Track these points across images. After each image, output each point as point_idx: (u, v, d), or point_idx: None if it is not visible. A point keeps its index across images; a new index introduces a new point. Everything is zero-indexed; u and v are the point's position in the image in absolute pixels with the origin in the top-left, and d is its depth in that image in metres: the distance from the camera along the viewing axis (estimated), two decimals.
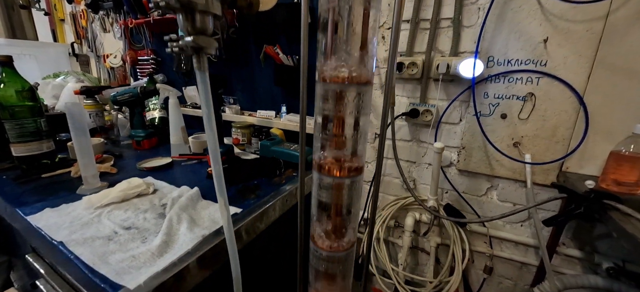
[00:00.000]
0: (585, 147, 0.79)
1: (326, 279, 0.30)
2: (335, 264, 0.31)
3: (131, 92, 1.03)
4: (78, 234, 0.53)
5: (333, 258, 0.30)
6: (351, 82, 0.28)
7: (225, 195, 0.44)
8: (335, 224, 0.30)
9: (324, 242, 0.30)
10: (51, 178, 0.79)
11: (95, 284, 0.42)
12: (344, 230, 0.32)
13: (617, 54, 0.72)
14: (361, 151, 0.31)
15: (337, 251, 0.30)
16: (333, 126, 0.28)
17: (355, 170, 0.30)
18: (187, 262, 0.46)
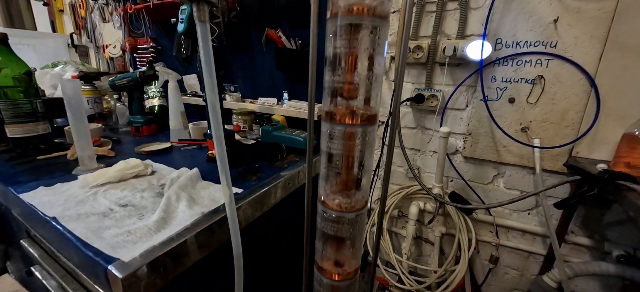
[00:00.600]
0: (596, 130, 0.77)
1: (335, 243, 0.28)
2: (346, 226, 0.28)
3: (130, 77, 1.01)
4: (72, 210, 0.50)
5: (343, 219, 0.28)
6: (367, 14, 0.25)
7: (227, 167, 0.42)
8: (346, 179, 0.28)
9: (333, 201, 0.28)
10: (47, 160, 0.77)
11: (89, 258, 0.40)
12: (355, 187, 0.29)
13: (630, 33, 0.70)
14: (376, 97, 0.28)
15: (348, 211, 0.28)
16: (346, 66, 0.26)
17: (367, 119, 0.27)
18: (186, 237, 0.44)
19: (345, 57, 0.26)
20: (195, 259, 0.46)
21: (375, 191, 1.15)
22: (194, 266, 0.49)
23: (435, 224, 1.05)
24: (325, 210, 0.27)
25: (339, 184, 0.28)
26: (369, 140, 0.29)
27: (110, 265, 0.37)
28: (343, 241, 0.29)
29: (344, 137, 0.27)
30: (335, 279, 0.31)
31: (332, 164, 0.28)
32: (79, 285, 0.68)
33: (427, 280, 0.95)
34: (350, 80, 0.26)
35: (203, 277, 0.54)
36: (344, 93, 0.27)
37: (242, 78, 1.23)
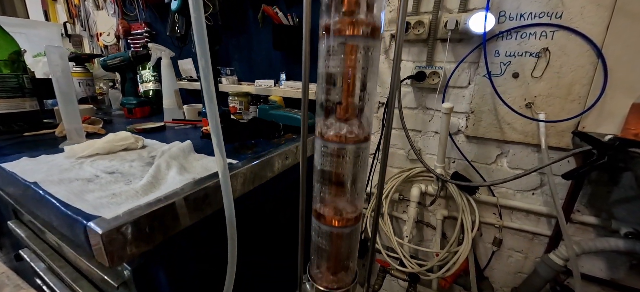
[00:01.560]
0: (603, 103, 0.74)
1: (334, 186, 0.25)
2: (346, 160, 0.25)
3: (122, 57, 0.98)
4: (55, 176, 0.47)
5: (343, 151, 0.25)
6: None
7: (220, 130, 0.39)
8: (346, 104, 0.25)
9: (330, 132, 0.25)
10: (34, 137, 0.74)
11: (68, 217, 0.37)
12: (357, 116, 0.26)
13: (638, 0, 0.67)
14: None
15: (349, 142, 0.25)
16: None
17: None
18: (174, 199, 0.41)
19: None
20: (185, 224, 0.44)
21: (375, 175, 1.13)
22: (186, 234, 0.46)
23: (437, 207, 1.03)
24: (325, 144, 0.25)
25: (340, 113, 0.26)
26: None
27: (90, 221, 0.34)
28: (342, 184, 0.26)
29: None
30: (335, 225, 0.28)
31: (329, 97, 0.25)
32: (66, 262, 0.65)
33: (428, 263, 0.93)
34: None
35: (197, 248, 0.52)
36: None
37: (238, 61, 1.20)
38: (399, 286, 1.20)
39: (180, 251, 0.47)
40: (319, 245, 0.30)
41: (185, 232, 0.45)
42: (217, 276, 0.45)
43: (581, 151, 0.62)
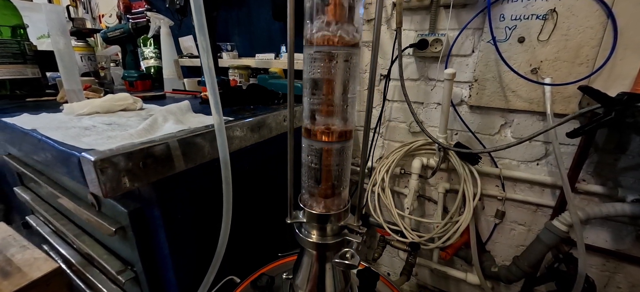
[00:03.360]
0: (612, 64, 0.72)
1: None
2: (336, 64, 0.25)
3: (123, 28, 0.98)
4: (53, 125, 0.48)
5: (333, 56, 0.24)
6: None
7: (215, 81, 0.38)
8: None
9: (319, 33, 0.24)
10: (36, 102, 0.75)
11: (63, 152, 0.37)
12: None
13: None
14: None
15: (338, 45, 0.24)
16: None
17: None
18: (168, 141, 0.41)
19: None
20: (180, 168, 0.44)
21: (377, 150, 1.12)
22: (182, 179, 0.46)
23: (439, 180, 1.02)
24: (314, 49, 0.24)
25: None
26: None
27: (83, 152, 0.34)
28: (332, 83, 0.25)
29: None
30: (325, 140, 0.27)
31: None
32: (68, 220, 0.67)
33: (428, 234, 0.92)
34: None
35: (194, 194, 0.52)
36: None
37: (238, 35, 1.19)
38: (399, 260, 1.20)
39: (176, 196, 0.47)
40: (309, 165, 0.29)
41: (181, 178, 0.45)
42: (214, 226, 0.45)
43: (588, 110, 0.60)
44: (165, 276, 0.51)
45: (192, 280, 0.52)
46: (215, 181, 0.42)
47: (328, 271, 0.33)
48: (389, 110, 1.06)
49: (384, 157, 1.07)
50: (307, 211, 0.32)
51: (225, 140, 0.40)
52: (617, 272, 0.86)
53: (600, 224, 0.83)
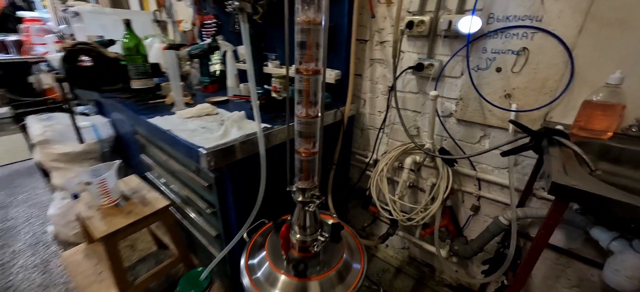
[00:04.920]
0: (569, 98, 0.87)
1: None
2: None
3: (201, 48, 1.38)
4: (176, 128, 0.89)
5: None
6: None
7: (257, 99, 0.72)
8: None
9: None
10: (154, 104, 1.20)
11: (190, 146, 0.77)
12: None
13: (610, 6, 0.76)
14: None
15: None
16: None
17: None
18: (235, 143, 0.78)
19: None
20: (239, 157, 0.80)
21: (381, 146, 1.39)
22: (240, 164, 0.84)
23: (429, 175, 1.26)
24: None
25: None
26: None
27: (200, 148, 0.72)
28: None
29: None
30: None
31: None
32: (175, 178, 1.11)
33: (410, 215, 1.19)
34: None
35: (245, 172, 0.89)
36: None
37: (281, 49, 1.51)
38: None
39: (237, 171, 0.85)
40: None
41: (240, 162, 0.82)
42: (255, 189, 0.81)
43: (519, 138, 0.80)
44: (229, 213, 0.91)
45: (242, 218, 0.91)
46: (258, 164, 0.77)
47: (307, 216, 0.67)
48: (393, 115, 1.30)
49: (387, 153, 1.34)
50: (296, 185, 0.65)
51: (263, 142, 0.74)
52: (568, 267, 1.03)
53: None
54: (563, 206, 0.56)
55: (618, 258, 0.69)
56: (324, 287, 0.66)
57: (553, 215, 0.58)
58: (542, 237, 0.61)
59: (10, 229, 1.78)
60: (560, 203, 0.56)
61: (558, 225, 0.94)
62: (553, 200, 0.57)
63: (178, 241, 1.21)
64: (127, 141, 1.58)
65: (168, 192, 1.22)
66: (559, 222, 0.59)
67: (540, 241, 0.61)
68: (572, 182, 0.52)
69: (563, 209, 0.56)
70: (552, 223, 0.59)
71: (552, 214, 0.58)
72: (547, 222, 0.59)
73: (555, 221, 0.58)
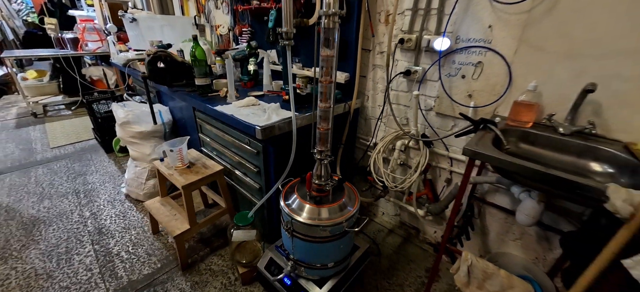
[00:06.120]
0: (509, 98, 1.22)
1: None
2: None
3: (243, 53, 1.81)
4: (236, 113, 1.32)
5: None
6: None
7: (293, 99, 1.13)
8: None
9: None
10: (212, 96, 1.65)
11: (248, 125, 1.20)
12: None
13: (534, 36, 1.11)
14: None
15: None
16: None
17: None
18: (276, 123, 1.20)
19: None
20: (278, 133, 1.23)
21: (379, 132, 1.77)
22: (278, 138, 1.26)
23: (415, 155, 1.64)
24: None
25: None
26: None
27: (256, 126, 1.15)
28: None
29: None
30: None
31: None
32: (225, 148, 1.56)
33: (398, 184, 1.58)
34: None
35: (282, 144, 1.32)
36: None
37: (304, 54, 1.92)
38: (385, 201, 1.88)
39: (276, 143, 1.27)
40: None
41: (278, 136, 1.25)
42: (287, 155, 1.23)
43: (469, 125, 1.17)
44: (270, 172, 1.34)
45: (277, 175, 1.34)
46: (289, 139, 1.19)
47: (322, 167, 1.08)
48: (388, 108, 1.68)
49: (384, 138, 1.73)
50: (317, 148, 1.06)
51: (295, 124, 1.16)
52: (513, 224, 1.39)
53: (504, 192, 1.37)
54: (472, 162, 0.95)
55: (522, 204, 1.06)
56: (330, 212, 1.08)
57: (468, 166, 0.96)
58: (466, 174, 0.99)
59: (92, 190, 2.32)
60: (471, 160, 0.95)
61: (493, 188, 1.31)
62: (469, 159, 0.96)
63: (227, 196, 1.67)
64: (183, 123, 2.05)
65: (219, 160, 1.68)
66: (471, 172, 0.98)
67: (466, 177, 1.00)
68: (474, 148, 0.90)
69: (472, 164, 0.95)
70: (469, 171, 0.97)
71: (468, 166, 0.96)
72: (466, 171, 0.98)
73: (470, 170, 0.97)
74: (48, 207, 2.10)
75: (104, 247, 1.74)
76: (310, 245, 1.11)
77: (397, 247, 1.76)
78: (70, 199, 2.20)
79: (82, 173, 2.59)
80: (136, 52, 2.64)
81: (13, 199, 2.19)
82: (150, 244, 1.75)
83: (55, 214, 2.03)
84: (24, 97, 3.94)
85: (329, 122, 1.02)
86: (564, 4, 1.02)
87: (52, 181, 2.44)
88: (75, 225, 1.92)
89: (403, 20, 1.45)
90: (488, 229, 1.51)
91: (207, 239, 1.80)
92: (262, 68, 1.97)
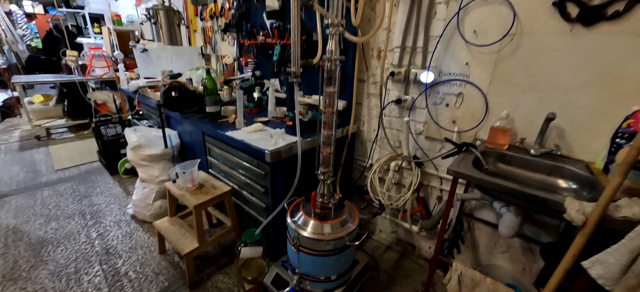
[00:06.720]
0: (487, 123, 1.40)
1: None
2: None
3: (250, 83, 1.99)
4: (246, 138, 1.47)
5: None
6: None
7: (299, 127, 1.29)
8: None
9: None
10: (221, 122, 1.80)
11: (258, 149, 1.34)
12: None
13: (502, 72, 1.31)
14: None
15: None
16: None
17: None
18: (282, 149, 1.35)
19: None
20: (284, 157, 1.37)
21: (375, 154, 1.93)
22: (284, 161, 1.40)
23: (407, 175, 1.78)
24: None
25: None
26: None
27: (265, 150, 1.30)
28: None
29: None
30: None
31: None
32: (232, 170, 1.69)
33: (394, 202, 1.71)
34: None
35: (287, 167, 1.46)
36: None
37: (304, 82, 2.10)
38: (381, 218, 1.99)
39: (283, 165, 1.41)
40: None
41: (284, 159, 1.39)
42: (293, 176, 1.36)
43: (453, 148, 1.33)
44: (276, 191, 1.46)
45: (283, 195, 1.46)
46: (294, 161, 1.33)
47: (325, 187, 1.21)
48: (383, 132, 1.85)
49: (379, 159, 1.88)
50: (320, 170, 1.20)
51: (300, 148, 1.30)
52: (499, 238, 1.52)
53: (489, 208, 1.51)
54: (456, 180, 1.09)
55: (503, 217, 1.20)
56: (333, 227, 1.20)
57: (453, 185, 1.11)
58: (451, 192, 1.13)
59: (98, 212, 2.39)
60: (454, 180, 1.10)
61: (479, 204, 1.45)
62: (453, 178, 1.11)
63: (233, 216, 1.77)
64: (192, 146, 2.18)
65: (226, 181, 1.80)
66: (455, 189, 1.12)
67: (451, 195, 1.14)
68: (456, 168, 1.06)
69: (456, 182, 1.10)
70: (453, 189, 1.12)
71: (452, 184, 1.11)
72: (451, 189, 1.12)
73: (454, 188, 1.11)
74: (55, 229, 2.15)
75: (112, 267, 1.80)
76: (315, 258, 1.21)
77: (394, 263, 1.86)
78: (76, 221, 2.26)
79: (87, 195, 2.65)
80: (146, 79, 2.81)
81: (20, 221, 2.24)
82: (157, 264, 1.82)
83: (63, 235, 2.09)
84: (30, 121, 4.04)
85: (331, 146, 1.17)
86: (525, 46, 1.22)
87: (58, 202, 2.51)
88: (83, 246, 1.98)
89: (393, 56, 1.65)
90: (478, 243, 1.63)
91: (213, 258, 1.87)
92: (265, 95, 2.15)
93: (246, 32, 2.22)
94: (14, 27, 7.81)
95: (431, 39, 1.50)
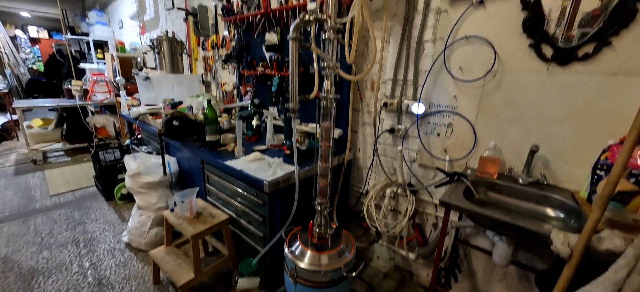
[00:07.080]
0: (477, 153, 1.46)
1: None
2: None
3: (249, 112, 2.06)
4: (245, 167, 1.51)
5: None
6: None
7: (296, 156, 1.34)
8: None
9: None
10: (220, 151, 1.84)
11: (256, 179, 1.38)
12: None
13: (488, 105, 1.39)
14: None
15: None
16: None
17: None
18: (280, 179, 1.39)
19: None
20: (282, 187, 1.40)
21: (371, 181, 1.97)
22: (283, 191, 1.43)
23: (403, 201, 1.81)
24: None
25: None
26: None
27: (264, 181, 1.33)
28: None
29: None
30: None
31: None
32: (231, 198, 1.71)
33: (391, 229, 1.73)
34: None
35: (286, 196, 1.49)
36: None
37: (301, 111, 2.18)
38: (378, 246, 1.99)
39: (281, 196, 1.44)
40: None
41: (283, 189, 1.42)
42: (290, 205, 1.39)
43: (446, 177, 1.38)
44: (274, 221, 1.48)
45: (281, 224, 1.48)
46: (292, 190, 1.36)
47: (322, 217, 1.24)
48: (377, 160, 1.91)
49: (375, 186, 1.91)
50: (317, 201, 1.23)
51: (298, 178, 1.34)
52: (495, 266, 1.53)
53: (483, 235, 1.53)
54: (448, 212, 1.13)
55: (496, 246, 1.23)
56: (330, 258, 1.21)
57: (445, 214, 1.14)
58: (444, 222, 1.17)
59: (92, 240, 2.36)
60: (446, 210, 1.13)
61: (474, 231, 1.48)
62: (445, 209, 1.15)
63: (230, 244, 1.77)
64: (190, 173, 2.21)
65: (224, 209, 1.81)
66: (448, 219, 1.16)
67: (444, 224, 1.17)
68: (447, 199, 1.10)
69: (448, 212, 1.13)
70: (446, 219, 1.15)
71: (445, 214, 1.15)
72: (444, 219, 1.16)
73: (447, 218, 1.15)
74: (47, 258, 2.11)
75: None
76: (313, 290, 1.21)
77: (392, 291, 1.84)
78: (69, 249, 2.22)
79: (81, 221, 2.62)
80: (147, 106, 2.88)
81: (11, 250, 2.20)
82: None
83: (55, 265, 2.05)
84: (27, 146, 4.03)
85: (328, 178, 1.22)
86: (507, 82, 1.31)
87: (51, 230, 2.47)
88: (75, 276, 1.94)
89: (386, 87, 1.74)
90: (475, 270, 1.63)
91: (208, 288, 1.84)
92: (263, 122, 2.21)
93: (246, 63, 2.33)
94: (17, 51, 8.01)
95: (421, 73, 1.59)
